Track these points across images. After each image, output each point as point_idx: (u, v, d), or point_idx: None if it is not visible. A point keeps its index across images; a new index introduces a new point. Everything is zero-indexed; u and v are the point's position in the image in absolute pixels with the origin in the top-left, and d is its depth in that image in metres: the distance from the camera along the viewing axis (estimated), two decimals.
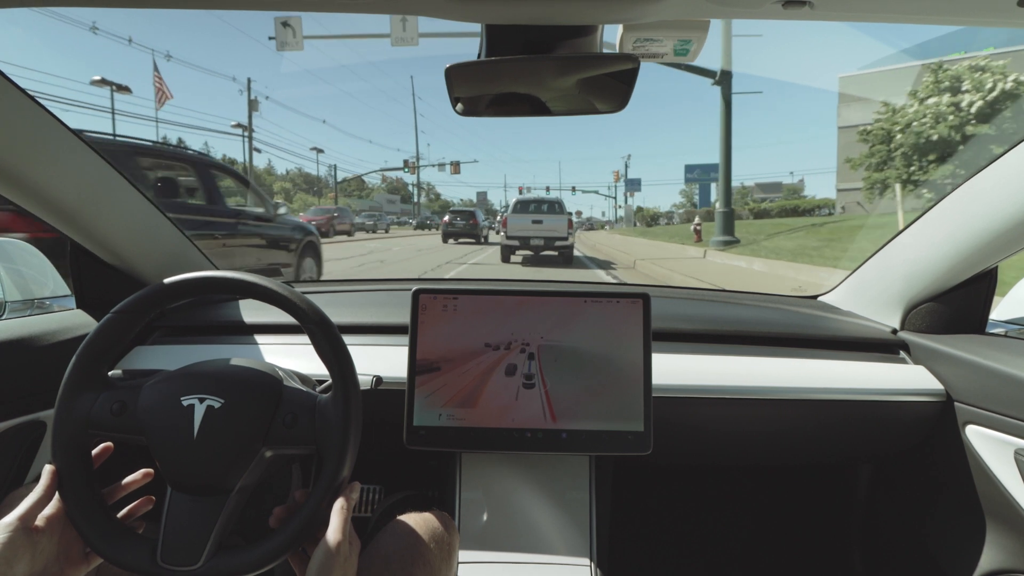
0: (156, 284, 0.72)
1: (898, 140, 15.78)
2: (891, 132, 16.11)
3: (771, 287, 6.61)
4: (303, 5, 0.67)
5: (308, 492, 0.67)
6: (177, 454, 0.66)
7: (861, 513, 1.39)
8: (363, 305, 1.31)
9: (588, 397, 0.99)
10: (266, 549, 0.63)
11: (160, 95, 23.00)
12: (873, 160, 16.81)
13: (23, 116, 0.85)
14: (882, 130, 16.46)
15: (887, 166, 16.35)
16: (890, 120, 16.27)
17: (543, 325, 1.01)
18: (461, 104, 0.80)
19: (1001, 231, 0.97)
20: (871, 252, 1.28)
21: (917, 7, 0.65)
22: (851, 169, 18.35)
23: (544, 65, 0.74)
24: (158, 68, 23.55)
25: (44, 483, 0.63)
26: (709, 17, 0.71)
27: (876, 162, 16.72)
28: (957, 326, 1.15)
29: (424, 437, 0.98)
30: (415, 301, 1.01)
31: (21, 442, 0.94)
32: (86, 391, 0.68)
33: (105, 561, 0.64)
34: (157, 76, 23.14)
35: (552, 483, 1.08)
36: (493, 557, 1.00)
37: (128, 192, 1.09)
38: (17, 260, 1.59)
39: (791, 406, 1.10)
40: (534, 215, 11.75)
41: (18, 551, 0.57)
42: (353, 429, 0.68)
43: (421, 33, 12.61)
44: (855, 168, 17.82)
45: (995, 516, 1.01)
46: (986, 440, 1.00)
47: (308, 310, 0.70)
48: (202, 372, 0.71)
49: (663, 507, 1.60)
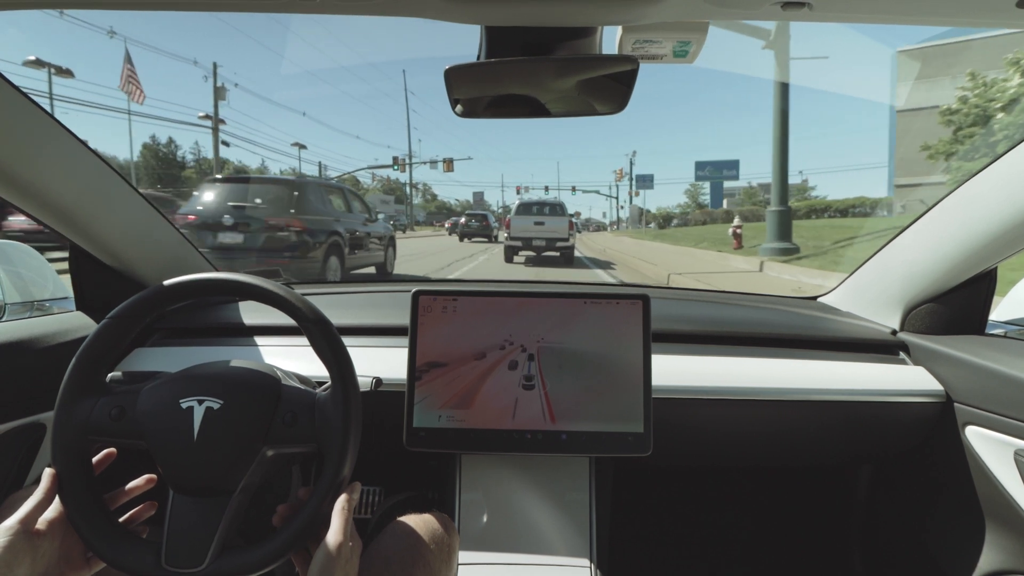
0: (154, 287, 0.72)
1: (1001, 121, 12.22)
2: (988, 110, 13.01)
3: None
4: (301, 7, 0.67)
5: (311, 490, 0.67)
6: (178, 457, 0.66)
7: (861, 514, 1.39)
8: (363, 307, 1.31)
9: (588, 398, 0.99)
10: (269, 548, 0.63)
11: (134, 91, 20.44)
12: (962, 147, 13.50)
13: (22, 118, 0.85)
14: (975, 108, 13.32)
15: (980, 153, 12.84)
16: (984, 96, 13.22)
17: (543, 326, 1.01)
18: (460, 106, 0.80)
19: (1001, 232, 0.97)
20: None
21: (916, 8, 0.65)
22: (928, 159, 15.01)
23: (543, 67, 0.74)
24: (131, 59, 20.59)
25: (44, 486, 0.63)
26: (708, 19, 0.71)
27: (966, 149, 13.38)
28: (957, 327, 1.15)
29: (424, 438, 0.98)
30: (415, 302, 1.01)
31: (21, 444, 0.94)
32: (85, 397, 0.68)
33: (108, 565, 0.64)
34: (129, 68, 20.25)
35: (552, 484, 1.08)
36: (493, 558, 1.00)
37: (127, 194, 1.09)
38: (17, 262, 1.59)
39: (791, 407, 1.10)
40: (536, 217, 11.97)
41: (19, 555, 0.57)
42: (353, 426, 0.68)
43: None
44: (934, 157, 14.54)
45: (995, 517, 1.01)
46: (986, 441, 1.00)
47: (305, 310, 0.70)
48: (200, 374, 0.71)
49: (663, 508, 1.60)
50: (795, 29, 9.63)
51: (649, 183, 51.59)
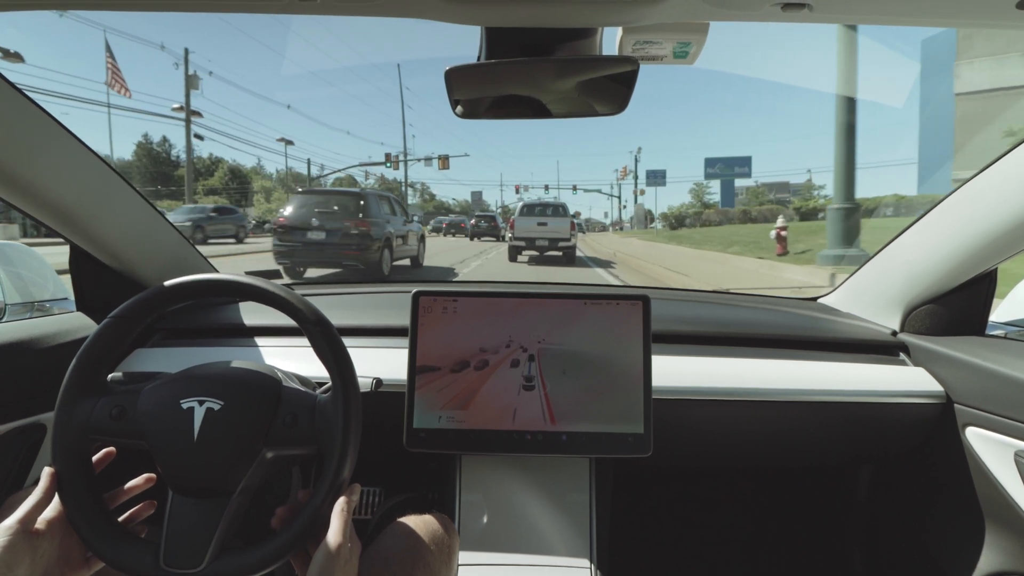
0: (155, 288, 0.72)
1: None
2: None
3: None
4: (302, 8, 0.67)
5: (311, 492, 0.67)
6: (178, 457, 0.66)
7: (861, 515, 1.39)
8: (363, 307, 1.31)
9: (588, 399, 0.99)
10: (269, 550, 0.63)
11: (116, 86, 19.42)
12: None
13: (23, 118, 0.85)
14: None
15: None
16: None
17: (543, 327, 1.01)
18: (461, 106, 0.80)
19: (1001, 233, 0.97)
20: None
21: (915, 9, 0.65)
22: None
23: (544, 67, 0.75)
24: (111, 50, 19.38)
25: (43, 486, 0.63)
26: (708, 20, 0.71)
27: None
28: (957, 328, 1.15)
29: (424, 439, 0.98)
30: (415, 303, 1.01)
31: (21, 445, 0.94)
32: (85, 396, 0.68)
33: (107, 565, 0.64)
34: (110, 60, 19.22)
35: (552, 485, 1.08)
36: (493, 559, 1.00)
37: (127, 195, 1.09)
38: (17, 263, 1.59)
39: (791, 408, 1.10)
40: (539, 218, 12.54)
41: (18, 554, 0.57)
42: (353, 427, 0.68)
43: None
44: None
45: (995, 518, 1.01)
46: (986, 442, 1.00)
47: (306, 311, 0.70)
48: (201, 375, 0.71)
49: (663, 509, 1.60)
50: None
51: (661, 179, 49.01)
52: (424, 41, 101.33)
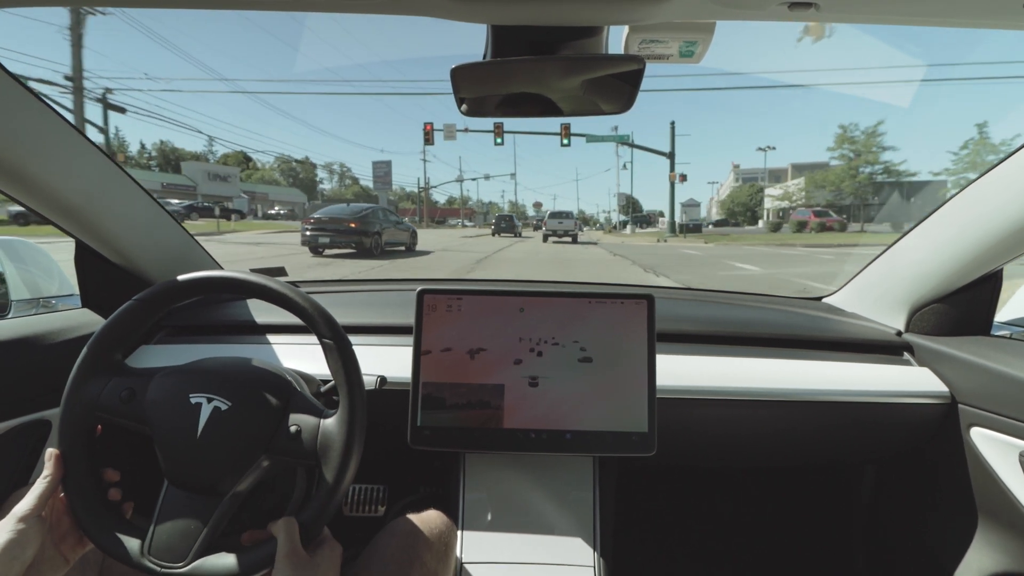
0: (185, 276, 0.72)
1: None
2: None
3: None
4: (305, 5, 0.67)
5: (275, 526, 0.66)
6: (178, 451, 0.66)
7: (865, 514, 1.39)
8: (368, 305, 1.32)
9: (592, 398, 0.99)
10: (254, 558, 0.63)
11: None
12: None
13: (28, 114, 0.85)
14: None
15: None
16: None
17: (547, 326, 1.01)
18: (466, 105, 0.80)
19: (1007, 233, 0.96)
20: None
21: (922, 9, 0.65)
22: None
23: (549, 66, 0.74)
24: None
25: (50, 469, 0.64)
26: (715, 19, 0.71)
27: None
28: (962, 328, 1.14)
29: (428, 437, 0.98)
30: (419, 301, 1.01)
31: (26, 440, 0.95)
32: (99, 374, 0.69)
33: (95, 546, 0.65)
34: None
35: (556, 484, 1.08)
36: (497, 557, 1.00)
37: (133, 191, 1.09)
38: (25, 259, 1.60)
39: (795, 407, 1.10)
40: (558, 219, 24.58)
41: (31, 538, 0.59)
42: (354, 456, 0.68)
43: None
44: None
45: (999, 518, 1.00)
46: (990, 442, 0.99)
47: (324, 324, 0.71)
48: (214, 370, 0.71)
49: (667, 508, 1.60)
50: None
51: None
52: (433, 39, 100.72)
